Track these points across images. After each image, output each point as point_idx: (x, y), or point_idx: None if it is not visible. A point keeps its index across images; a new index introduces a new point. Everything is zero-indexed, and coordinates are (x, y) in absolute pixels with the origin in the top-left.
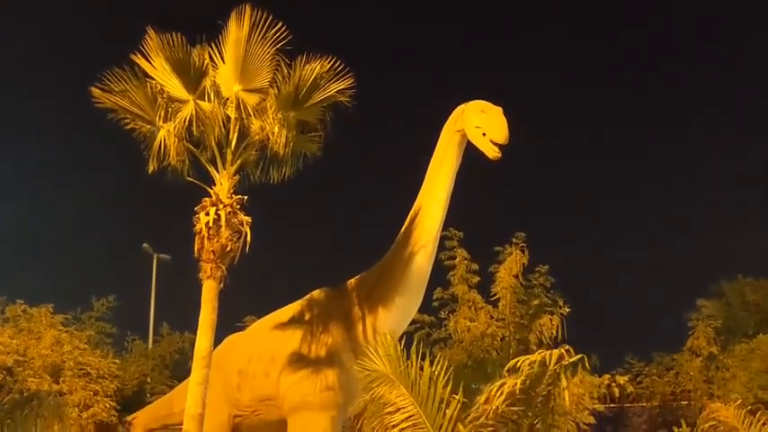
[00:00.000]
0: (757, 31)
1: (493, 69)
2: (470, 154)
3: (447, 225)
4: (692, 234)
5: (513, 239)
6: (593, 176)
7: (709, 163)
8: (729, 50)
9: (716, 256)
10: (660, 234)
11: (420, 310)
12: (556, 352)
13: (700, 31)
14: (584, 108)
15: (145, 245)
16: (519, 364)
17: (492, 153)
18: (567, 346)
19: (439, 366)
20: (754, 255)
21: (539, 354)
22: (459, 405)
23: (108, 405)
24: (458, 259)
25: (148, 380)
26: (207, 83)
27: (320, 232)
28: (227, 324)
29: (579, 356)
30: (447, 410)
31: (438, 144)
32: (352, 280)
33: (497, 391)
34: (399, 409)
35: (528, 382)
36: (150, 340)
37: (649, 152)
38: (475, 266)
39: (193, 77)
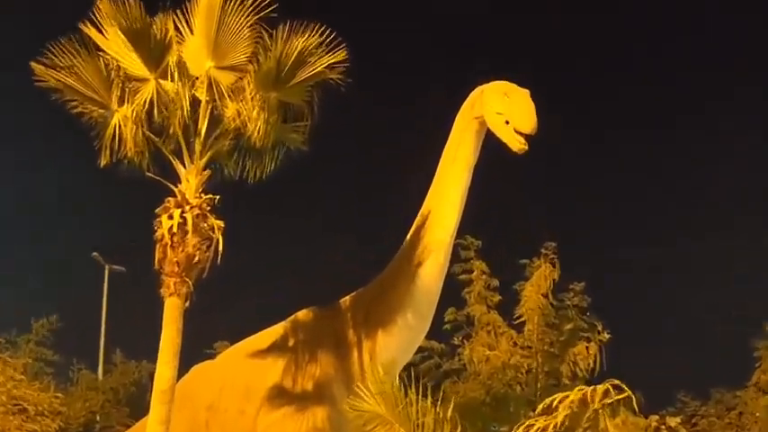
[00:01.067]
0: (757, 31)
1: (493, 69)
2: (490, 145)
3: (462, 232)
4: (692, 234)
5: (543, 250)
6: (593, 176)
7: (709, 163)
8: (729, 50)
9: (716, 256)
10: (660, 234)
11: (428, 336)
12: (600, 388)
13: (700, 30)
14: (584, 108)
15: (95, 254)
16: (555, 403)
17: (517, 145)
18: (616, 381)
19: (446, 406)
20: (755, 254)
21: (578, 390)
22: None
23: None
24: (475, 273)
25: (97, 418)
26: (171, 59)
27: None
28: (195, 351)
29: (625, 394)
30: None
31: (451, 134)
32: (347, 298)
33: None
34: None
35: (566, 424)
36: (100, 370)
37: (649, 152)
38: (495, 282)
39: (154, 52)
